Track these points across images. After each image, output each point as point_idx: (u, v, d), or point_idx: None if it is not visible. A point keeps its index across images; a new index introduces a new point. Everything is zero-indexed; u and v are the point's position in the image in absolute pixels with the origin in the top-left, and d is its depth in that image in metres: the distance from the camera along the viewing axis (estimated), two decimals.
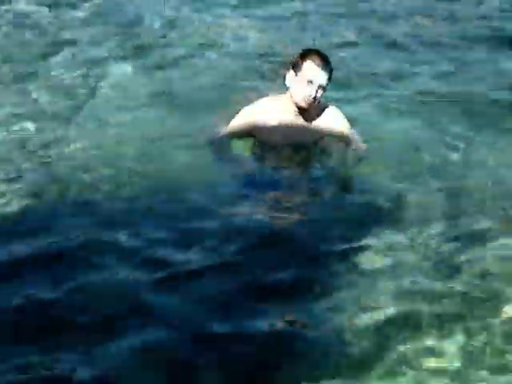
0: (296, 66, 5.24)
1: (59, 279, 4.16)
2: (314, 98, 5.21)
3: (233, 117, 5.49)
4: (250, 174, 5.32)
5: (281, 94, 5.43)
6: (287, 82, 5.30)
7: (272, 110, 5.37)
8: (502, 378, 3.61)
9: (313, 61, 5.19)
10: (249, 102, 5.55)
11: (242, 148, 5.48)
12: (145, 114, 6.23)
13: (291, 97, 5.29)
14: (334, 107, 5.48)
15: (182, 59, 7.56)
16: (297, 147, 5.39)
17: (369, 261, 4.44)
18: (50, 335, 3.76)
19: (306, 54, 5.25)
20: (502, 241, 4.63)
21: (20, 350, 3.66)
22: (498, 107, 6.63)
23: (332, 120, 5.43)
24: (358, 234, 4.68)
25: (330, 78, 5.24)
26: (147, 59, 7.54)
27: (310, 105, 5.25)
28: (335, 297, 4.13)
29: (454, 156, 5.68)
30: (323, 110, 5.41)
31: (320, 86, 5.20)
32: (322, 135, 5.41)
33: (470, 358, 3.71)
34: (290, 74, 5.28)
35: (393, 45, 8.14)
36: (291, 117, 5.36)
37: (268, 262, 4.40)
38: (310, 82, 5.19)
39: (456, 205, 5.04)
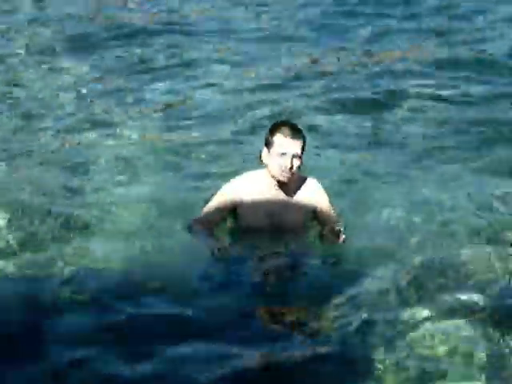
0: (268, 143, 5.25)
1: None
2: (291, 168, 5.20)
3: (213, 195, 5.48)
4: (230, 260, 5.30)
5: (259, 170, 5.42)
6: (263, 160, 5.31)
7: (252, 186, 5.36)
8: None
9: (282, 133, 5.20)
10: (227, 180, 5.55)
11: (221, 229, 5.48)
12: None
13: (269, 172, 5.31)
14: (313, 180, 5.47)
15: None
16: (278, 226, 5.37)
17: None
18: None
19: (274, 129, 5.26)
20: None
21: None
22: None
23: (312, 193, 5.41)
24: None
25: (303, 146, 5.23)
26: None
27: (288, 178, 5.24)
28: None
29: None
30: (303, 183, 5.40)
31: (294, 156, 5.19)
32: (304, 209, 5.39)
33: None
34: (264, 151, 5.29)
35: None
36: (272, 191, 5.34)
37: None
38: (284, 154, 5.18)
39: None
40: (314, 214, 5.46)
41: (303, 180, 5.45)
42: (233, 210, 5.43)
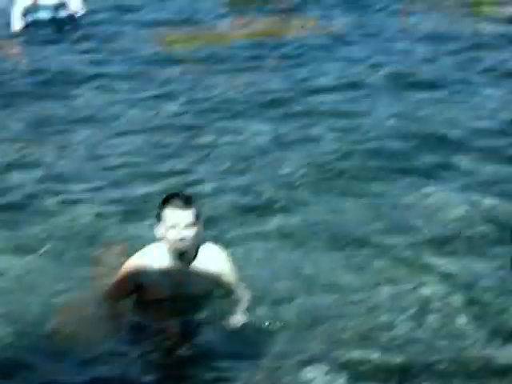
0: (159, 217, 5.24)
1: None
2: (183, 238, 5.16)
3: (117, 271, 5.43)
4: (130, 333, 5.32)
5: (159, 243, 5.33)
6: (158, 235, 5.28)
7: (152, 260, 5.31)
8: None
9: (170, 207, 5.18)
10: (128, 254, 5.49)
11: (128, 303, 5.42)
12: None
13: (167, 244, 5.25)
14: (215, 247, 5.41)
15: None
16: (181, 296, 5.32)
17: None
18: None
19: (162, 203, 5.25)
20: None
21: None
22: None
23: (214, 261, 5.35)
24: None
25: (197, 214, 5.20)
26: None
27: (184, 248, 5.20)
28: None
29: None
30: (204, 251, 5.34)
31: (186, 226, 5.16)
32: (206, 278, 5.33)
33: None
34: (157, 225, 5.27)
35: None
36: (172, 263, 5.28)
37: None
38: (174, 226, 5.15)
39: None
40: (217, 281, 5.40)
41: (204, 248, 5.38)
42: (137, 284, 5.37)
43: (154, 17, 13.52)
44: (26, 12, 12.72)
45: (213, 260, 5.35)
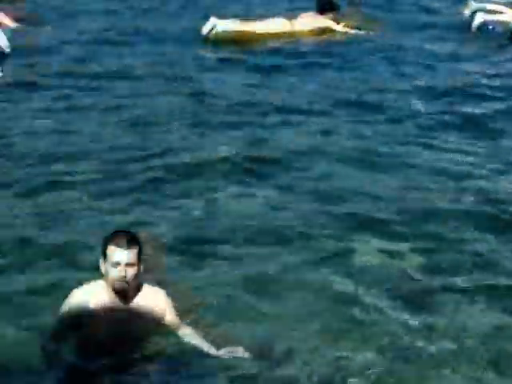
0: (104, 253, 5.27)
1: None
2: (125, 277, 5.20)
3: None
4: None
5: (100, 279, 5.36)
6: (102, 270, 5.30)
7: (92, 297, 5.31)
8: None
9: (114, 244, 5.22)
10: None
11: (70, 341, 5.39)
12: None
13: (108, 281, 5.28)
14: (157, 289, 5.46)
15: None
16: (119, 336, 5.31)
17: None
18: None
19: (107, 240, 5.29)
20: None
21: None
22: None
23: (155, 304, 5.39)
24: None
25: (139, 254, 5.25)
26: None
27: (124, 287, 5.24)
28: None
29: None
30: (145, 293, 5.37)
31: (128, 265, 5.21)
32: (145, 319, 5.35)
33: None
34: (101, 262, 5.30)
35: None
36: (111, 301, 5.30)
37: None
38: (117, 263, 5.19)
39: None
40: (158, 321, 5.42)
41: (146, 289, 5.42)
42: (76, 322, 5.36)
43: None
44: None
45: (152, 300, 5.38)
